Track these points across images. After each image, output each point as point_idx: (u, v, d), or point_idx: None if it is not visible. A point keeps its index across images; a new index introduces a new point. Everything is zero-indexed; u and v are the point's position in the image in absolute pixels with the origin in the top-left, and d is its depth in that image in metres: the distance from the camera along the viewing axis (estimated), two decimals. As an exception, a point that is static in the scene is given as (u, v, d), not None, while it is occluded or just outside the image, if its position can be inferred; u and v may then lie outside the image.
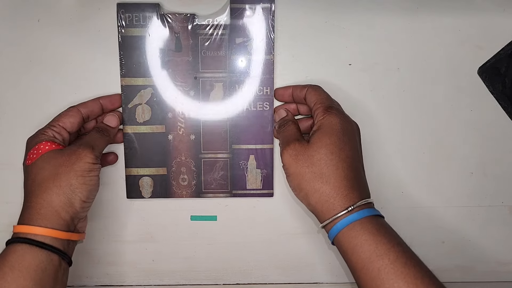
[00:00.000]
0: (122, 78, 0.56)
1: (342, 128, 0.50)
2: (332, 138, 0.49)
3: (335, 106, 0.52)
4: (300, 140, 0.51)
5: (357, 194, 0.47)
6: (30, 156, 0.50)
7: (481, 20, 0.57)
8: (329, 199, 0.47)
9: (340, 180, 0.48)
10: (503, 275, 0.61)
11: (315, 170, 0.48)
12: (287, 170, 0.50)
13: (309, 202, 0.49)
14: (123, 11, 0.54)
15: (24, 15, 0.56)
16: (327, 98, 0.53)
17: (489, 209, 0.60)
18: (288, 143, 0.50)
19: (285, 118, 0.55)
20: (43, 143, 0.50)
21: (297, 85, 0.56)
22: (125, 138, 0.57)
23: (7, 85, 0.57)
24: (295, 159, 0.49)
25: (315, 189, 0.48)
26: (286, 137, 0.52)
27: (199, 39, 0.55)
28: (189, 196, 0.58)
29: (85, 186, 0.49)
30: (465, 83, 0.58)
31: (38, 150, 0.50)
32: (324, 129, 0.49)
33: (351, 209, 0.46)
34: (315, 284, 0.61)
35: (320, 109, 0.51)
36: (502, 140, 0.59)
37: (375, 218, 0.47)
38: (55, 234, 0.47)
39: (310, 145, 0.49)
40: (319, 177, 0.48)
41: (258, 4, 0.55)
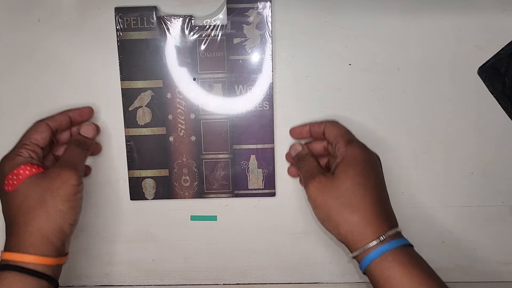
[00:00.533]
0: (121, 81, 0.56)
1: (364, 159, 0.51)
2: (356, 168, 0.50)
3: (355, 139, 0.53)
4: (324, 172, 0.51)
5: (386, 223, 0.48)
6: (9, 182, 0.49)
7: (481, 20, 0.57)
8: (360, 229, 0.48)
9: (369, 209, 0.48)
10: (503, 275, 0.62)
11: (343, 200, 0.48)
12: (313, 202, 0.51)
13: (339, 232, 0.49)
14: (121, 15, 0.55)
15: (24, 15, 0.56)
16: (346, 132, 0.54)
17: (489, 209, 0.60)
18: (313, 176, 0.51)
19: (301, 152, 0.56)
20: (22, 167, 0.49)
21: (314, 122, 0.57)
22: (126, 140, 0.57)
23: (7, 85, 0.57)
24: (321, 191, 0.50)
25: (345, 218, 0.48)
26: (308, 171, 0.53)
27: (197, 40, 0.55)
28: (192, 197, 0.59)
29: (73, 210, 0.49)
30: (465, 83, 0.58)
31: (18, 175, 0.49)
32: (348, 161, 0.50)
33: (383, 239, 0.47)
34: (315, 284, 0.61)
35: (341, 142, 0.52)
36: (502, 140, 0.59)
37: (405, 248, 0.48)
38: (46, 261, 0.47)
39: (335, 177, 0.50)
40: (348, 207, 0.48)
41: (255, 3, 0.55)
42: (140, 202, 0.59)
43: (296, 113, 0.58)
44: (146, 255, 0.61)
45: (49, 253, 0.47)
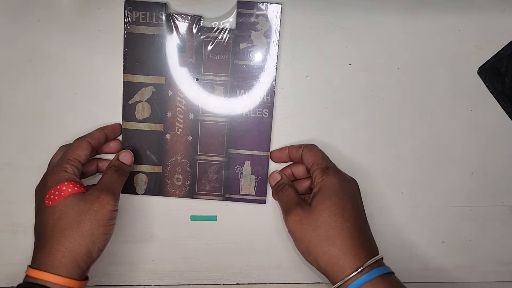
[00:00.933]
0: (124, 74, 0.56)
1: (341, 188, 0.51)
2: (333, 199, 0.50)
3: (331, 166, 0.53)
4: (301, 204, 0.52)
5: (365, 253, 0.48)
6: (50, 197, 0.49)
7: (481, 20, 0.57)
8: (339, 261, 0.48)
9: (347, 240, 0.48)
10: (503, 275, 0.62)
11: (321, 233, 0.49)
12: (293, 235, 0.51)
13: (320, 265, 0.49)
14: (130, 8, 0.55)
15: (24, 15, 0.56)
16: (323, 158, 0.54)
17: (489, 209, 0.61)
18: (290, 209, 0.51)
19: (280, 182, 0.56)
20: (65, 184, 0.49)
21: (293, 146, 0.57)
22: (123, 133, 0.57)
23: (7, 85, 0.57)
24: (299, 224, 0.50)
25: (323, 251, 0.48)
26: (286, 202, 0.53)
27: (204, 41, 0.56)
28: (182, 196, 0.59)
29: (105, 236, 0.49)
30: (465, 83, 0.58)
31: (61, 192, 0.49)
32: (324, 191, 0.51)
33: (361, 269, 0.47)
34: (315, 284, 0.61)
35: (318, 170, 0.53)
36: (502, 140, 0.59)
37: (386, 276, 0.47)
38: (72, 284, 0.47)
39: (312, 209, 0.50)
40: (325, 240, 0.48)
41: (265, 11, 0.55)
42: (139, 201, 0.59)
43: (296, 114, 0.58)
44: (146, 255, 0.60)
45: (75, 276, 0.47)
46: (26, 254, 0.49)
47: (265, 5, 0.55)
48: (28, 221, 0.58)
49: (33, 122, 0.57)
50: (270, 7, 0.55)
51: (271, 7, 0.55)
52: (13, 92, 0.57)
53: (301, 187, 0.57)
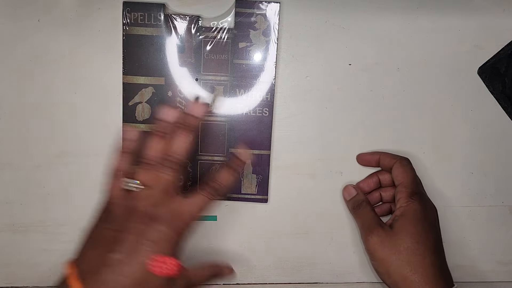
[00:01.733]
0: (124, 75, 0.56)
1: (425, 216, 0.52)
2: (417, 227, 0.51)
3: (418, 192, 0.54)
4: (383, 225, 0.53)
5: (445, 283, 0.50)
6: (158, 265, 0.45)
7: (481, 20, 0.57)
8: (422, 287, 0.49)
9: (428, 268, 0.50)
10: (503, 275, 0.62)
11: (403, 258, 0.50)
12: (372, 255, 0.52)
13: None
14: (128, 10, 0.55)
15: (24, 15, 0.56)
16: (412, 181, 0.54)
17: (489, 209, 0.61)
18: (371, 229, 0.52)
19: (357, 198, 0.57)
20: (173, 261, 0.46)
21: (386, 154, 0.57)
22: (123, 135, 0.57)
23: (7, 85, 0.57)
24: (381, 246, 0.51)
25: (405, 277, 0.50)
26: (366, 221, 0.54)
27: (203, 41, 0.56)
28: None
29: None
30: (465, 83, 0.58)
31: (167, 266, 0.46)
32: (408, 217, 0.52)
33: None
34: (315, 284, 0.62)
35: (404, 193, 0.53)
36: (503, 140, 0.60)
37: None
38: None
39: (395, 233, 0.51)
40: (407, 265, 0.50)
41: (263, 10, 0.55)
42: None
43: (296, 114, 0.58)
44: None
45: None
46: (26, 254, 0.48)
47: (264, 4, 0.55)
48: (27, 221, 0.58)
49: (33, 122, 0.57)
50: (268, 6, 0.55)
51: (269, 5, 0.55)
52: (13, 92, 0.57)
53: (379, 210, 0.58)
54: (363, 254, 0.60)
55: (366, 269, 0.61)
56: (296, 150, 0.59)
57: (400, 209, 0.53)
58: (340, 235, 0.61)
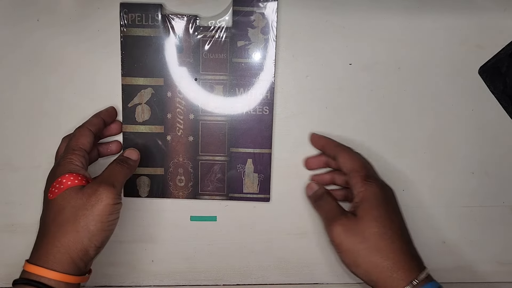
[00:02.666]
0: (122, 77, 0.57)
1: (385, 197, 0.51)
2: (380, 210, 0.50)
3: (372, 174, 0.53)
4: (345, 213, 0.51)
5: (416, 266, 0.49)
6: (52, 190, 0.49)
7: (482, 20, 0.58)
8: (392, 274, 0.48)
9: (399, 253, 0.48)
10: (504, 275, 0.62)
11: (371, 245, 0.49)
12: (338, 247, 0.50)
13: (370, 279, 0.49)
14: (126, 11, 0.55)
15: (23, 15, 0.57)
16: (362, 165, 0.54)
17: (490, 209, 0.61)
18: (334, 219, 0.51)
19: (318, 191, 0.56)
20: (66, 176, 0.49)
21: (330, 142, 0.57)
22: (124, 137, 0.58)
23: (6, 85, 0.58)
24: (346, 235, 0.49)
25: (375, 264, 0.48)
26: (328, 212, 0.53)
27: (201, 41, 0.56)
28: (186, 197, 0.59)
29: (103, 232, 0.48)
30: (466, 83, 0.59)
31: (61, 184, 0.49)
32: (369, 201, 0.50)
33: (416, 283, 0.47)
34: (315, 284, 0.62)
35: (358, 178, 0.52)
36: (503, 140, 0.60)
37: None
38: (68, 279, 0.46)
39: (359, 219, 0.50)
40: (376, 252, 0.48)
41: (261, 8, 0.56)
42: (139, 202, 0.60)
43: (296, 114, 0.59)
44: (146, 256, 0.61)
45: (72, 272, 0.47)
46: (25, 255, 0.49)
47: (262, 1, 0.56)
48: (27, 222, 0.59)
49: (32, 122, 0.58)
50: (266, 4, 0.56)
51: (267, 3, 0.56)
52: (12, 92, 0.58)
53: (338, 196, 0.58)
54: None
55: None
56: (297, 149, 0.60)
57: (359, 194, 0.51)
58: None
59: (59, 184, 0.49)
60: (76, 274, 0.47)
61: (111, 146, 0.58)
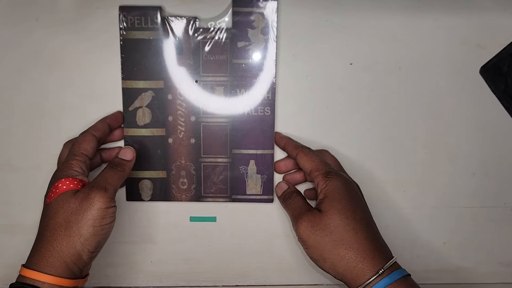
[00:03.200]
0: (123, 80, 0.57)
1: (347, 191, 0.52)
2: (342, 202, 0.51)
3: (332, 170, 0.54)
4: (311, 210, 0.52)
5: (382, 255, 0.49)
6: (49, 194, 0.50)
7: (483, 20, 0.58)
8: (357, 265, 0.48)
9: (363, 243, 0.49)
10: (505, 276, 0.63)
11: (335, 237, 0.49)
12: (305, 242, 0.51)
13: (337, 271, 0.50)
14: (125, 14, 0.55)
15: (23, 15, 0.57)
16: (321, 163, 0.54)
17: (491, 210, 0.61)
18: (300, 216, 0.51)
19: (287, 190, 0.57)
20: (62, 180, 0.50)
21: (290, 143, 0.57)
22: (125, 141, 0.58)
23: (5, 85, 0.58)
24: (312, 230, 0.50)
25: (341, 256, 0.49)
26: (295, 209, 0.53)
27: (201, 42, 0.56)
28: (189, 199, 0.60)
29: (95, 237, 0.48)
30: (467, 83, 0.59)
31: (57, 189, 0.49)
32: (331, 196, 0.51)
33: (382, 272, 0.48)
34: (315, 285, 0.62)
35: (320, 176, 0.53)
36: (505, 140, 0.60)
37: (405, 279, 0.48)
38: (62, 283, 0.47)
39: (323, 214, 0.50)
40: (341, 244, 0.49)
41: (261, 8, 0.56)
42: (138, 203, 0.60)
43: (297, 114, 0.59)
44: (145, 257, 0.61)
45: (65, 275, 0.47)
46: (25, 255, 0.49)
47: (261, 2, 0.56)
48: (26, 222, 0.59)
49: (31, 123, 0.58)
50: (265, 4, 0.56)
51: (266, 3, 0.56)
52: (12, 92, 0.58)
53: (310, 195, 0.59)
54: None
55: None
56: None
57: (322, 191, 0.52)
58: None
59: (55, 189, 0.49)
60: (70, 278, 0.48)
61: (115, 133, 0.58)
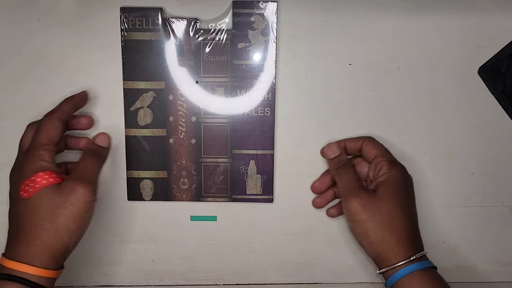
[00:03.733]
0: (124, 81, 0.57)
1: (405, 183, 0.55)
2: (398, 191, 0.54)
3: (396, 160, 0.57)
4: (366, 190, 0.54)
5: (416, 246, 0.54)
6: (25, 188, 0.49)
7: (482, 20, 0.58)
8: (395, 248, 0.52)
9: (405, 232, 0.53)
10: (503, 275, 0.63)
11: (384, 220, 0.53)
12: (352, 217, 0.54)
13: (374, 250, 0.53)
14: (126, 15, 0.56)
15: (24, 15, 0.57)
16: (386, 151, 0.57)
17: (489, 209, 0.62)
18: (354, 192, 0.54)
19: (341, 158, 0.57)
20: (40, 174, 0.49)
21: (350, 138, 0.59)
22: (126, 141, 0.59)
23: (6, 85, 0.58)
24: (362, 209, 0.53)
25: (383, 238, 0.52)
26: (349, 183, 0.55)
27: (201, 43, 0.57)
28: (189, 199, 0.60)
29: (81, 229, 0.50)
30: (466, 83, 0.59)
31: (35, 183, 0.49)
32: (391, 183, 0.54)
33: (413, 258, 0.52)
34: (315, 284, 0.63)
35: (384, 162, 0.56)
36: (503, 140, 0.61)
37: (431, 269, 0.53)
38: (48, 274, 0.48)
39: (378, 197, 0.53)
40: (387, 228, 0.53)
41: (261, 9, 0.56)
42: (139, 202, 0.60)
43: (297, 114, 0.60)
44: (146, 256, 0.62)
45: (51, 267, 0.48)
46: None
47: (261, 3, 0.56)
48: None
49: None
50: (266, 5, 0.56)
51: (266, 5, 0.56)
52: (12, 92, 0.58)
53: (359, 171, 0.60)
54: (363, 254, 0.62)
55: (366, 269, 0.63)
56: (298, 149, 0.60)
57: (383, 175, 0.55)
58: (340, 236, 0.62)
59: (33, 183, 0.49)
60: (55, 269, 0.49)
61: (81, 121, 0.57)
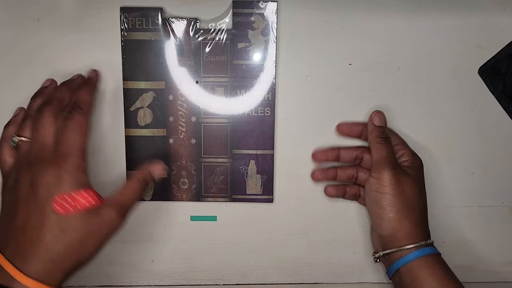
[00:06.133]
0: (124, 81, 0.58)
1: (422, 173, 0.59)
2: (419, 178, 0.58)
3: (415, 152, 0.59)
4: (401, 167, 0.57)
5: (425, 233, 0.56)
6: (62, 204, 0.46)
7: (482, 20, 0.59)
8: (406, 231, 0.55)
9: (420, 217, 0.56)
10: (504, 275, 0.64)
11: (408, 199, 0.55)
12: (384, 188, 0.56)
13: (392, 226, 0.55)
14: (126, 15, 0.57)
15: (24, 15, 0.58)
16: (404, 142, 0.60)
17: (490, 209, 0.63)
18: (392, 165, 0.56)
19: (385, 130, 0.59)
20: (82, 193, 0.48)
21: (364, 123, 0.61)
22: (126, 141, 0.60)
23: (6, 85, 0.59)
24: (396, 183, 0.55)
25: (405, 217, 0.55)
26: (388, 155, 0.57)
27: (201, 43, 0.58)
28: (189, 199, 0.61)
29: (100, 250, 0.49)
30: (466, 83, 0.60)
31: (76, 202, 0.47)
32: (415, 169, 0.57)
33: (424, 243, 0.54)
34: (315, 284, 0.64)
35: (407, 149, 0.59)
36: (503, 140, 0.62)
37: (437, 256, 0.55)
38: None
39: (409, 177, 0.56)
40: (407, 208, 0.55)
41: (261, 9, 0.57)
42: (139, 202, 0.61)
43: (297, 114, 0.61)
44: (146, 256, 0.63)
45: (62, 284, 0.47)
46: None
47: (261, 3, 0.57)
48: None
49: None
50: (265, 5, 0.57)
51: (266, 5, 0.57)
52: (12, 92, 0.59)
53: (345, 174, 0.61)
54: (363, 254, 0.63)
55: (366, 269, 0.64)
56: (299, 149, 0.61)
57: (408, 161, 0.58)
58: (340, 236, 0.63)
59: (73, 201, 0.47)
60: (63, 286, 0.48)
61: None
